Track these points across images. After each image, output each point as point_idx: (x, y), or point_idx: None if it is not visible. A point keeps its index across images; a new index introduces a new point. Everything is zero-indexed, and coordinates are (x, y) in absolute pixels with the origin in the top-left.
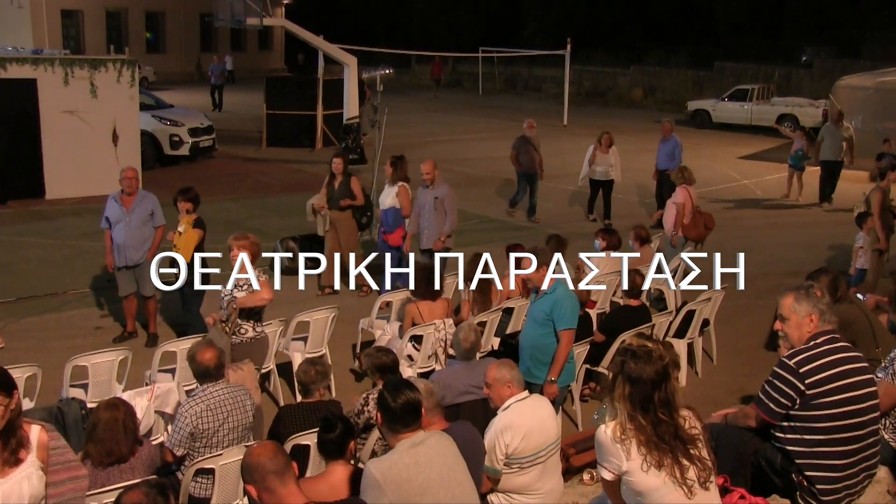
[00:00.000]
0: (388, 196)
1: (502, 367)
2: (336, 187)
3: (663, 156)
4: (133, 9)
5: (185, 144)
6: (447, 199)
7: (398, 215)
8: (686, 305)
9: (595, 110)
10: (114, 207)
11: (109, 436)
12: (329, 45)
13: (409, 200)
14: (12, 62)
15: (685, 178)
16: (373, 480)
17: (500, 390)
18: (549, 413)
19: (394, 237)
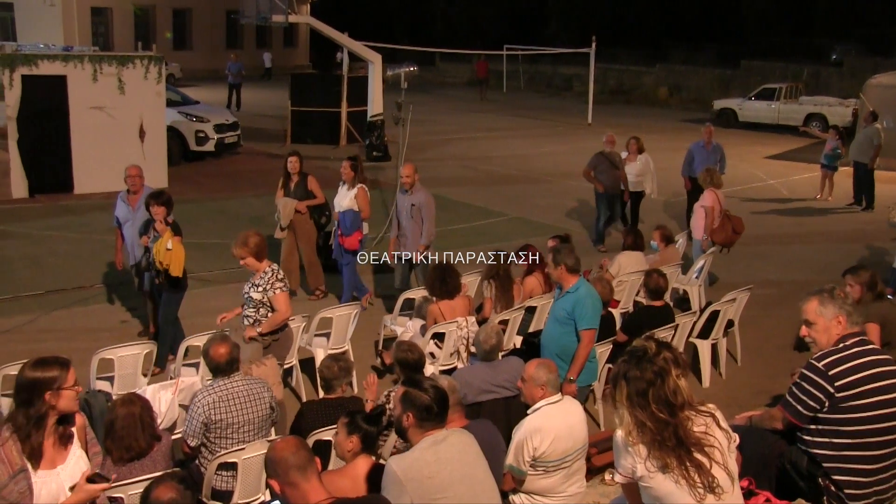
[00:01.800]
0: (345, 198)
1: (540, 368)
2: (292, 188)
3: (710, 162)
4: (160, 6)
5: (210, 140)
6: (424, 208)
7: (357, 218)
8: (710, 306)
9: (619, 109)
10: (121, 207)
11: (128, 432)
12: (354, 43)
13: (367, 203)
14: (44, 59)
15: (712, 181)
16: (394, 477)
17: (534, 390)
18: (580, 418)
19: (350, 240)
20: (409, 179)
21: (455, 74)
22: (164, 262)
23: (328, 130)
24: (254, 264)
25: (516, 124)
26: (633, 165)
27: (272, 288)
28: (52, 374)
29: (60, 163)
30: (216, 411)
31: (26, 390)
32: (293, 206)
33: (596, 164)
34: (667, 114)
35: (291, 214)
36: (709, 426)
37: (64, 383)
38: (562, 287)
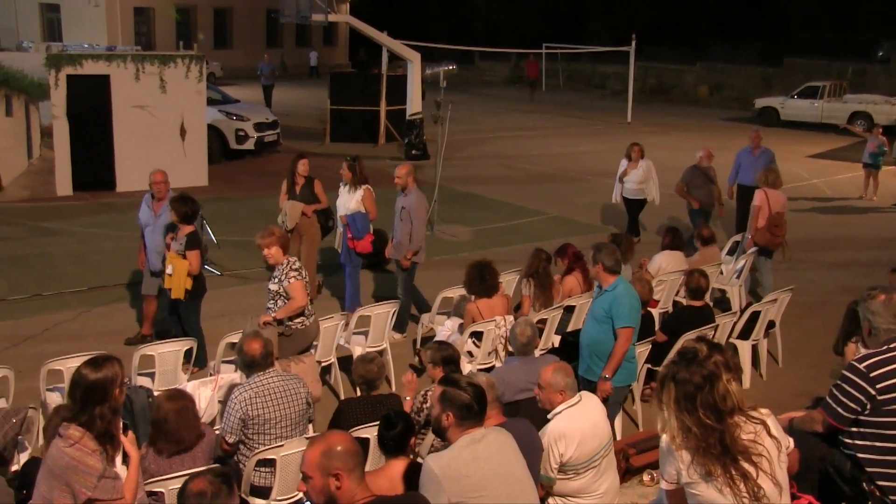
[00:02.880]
0: (350, 200)
1: (557, 374)
2: (298, 191)
3: (759, 168)
4: (202, 5)
5: (250, 139)
6: (413, 210)
7: (366, 220)
8: (751, 306)
9: (659, 108)
10: (144, 211)
11: (182, 424)
12: (393, 41)
13: (374, 203)
14: (88, 59)
15: (767, 181)
16: (432, 476)
17: (552, 396)
18: (601, 414)
19: (363, 244)
20: (401, 181)
21: (494, 73)
22: (167, 286)
23: (367, 129)
24: (277, 255)
25: (555, 123)
26: (635, 172)
27: (287, 277)
28: (112, 373)
29: (103, 161)
30: (253, 407)
31: (100, 389)
32: (300, 209)
33: (690, 179)
34: (707, 113)
35: (298, 217)
36: (758, 434)
37: (123, 378)
38: (601, 286)
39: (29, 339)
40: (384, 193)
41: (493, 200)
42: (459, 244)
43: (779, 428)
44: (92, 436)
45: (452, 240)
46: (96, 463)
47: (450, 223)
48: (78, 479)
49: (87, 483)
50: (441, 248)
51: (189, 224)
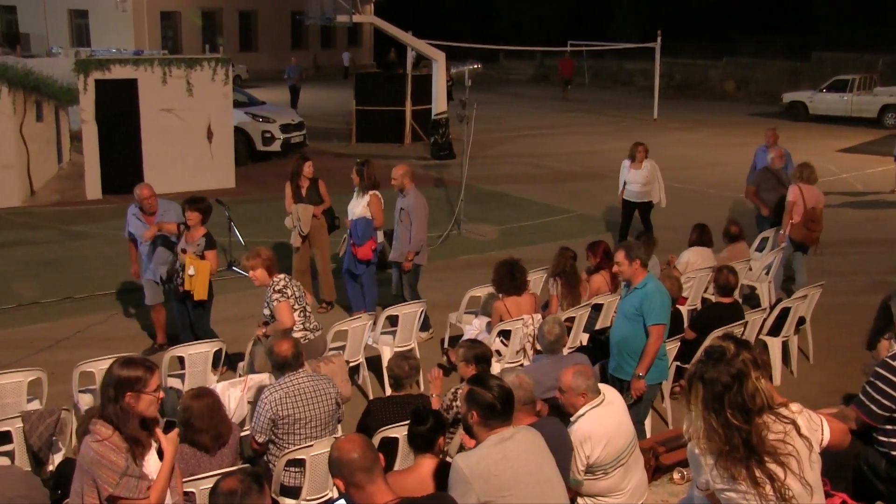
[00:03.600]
0: (357, 205)
1: (578, 377)
2: (304, 193)
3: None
4: (227, 9)
5: (276, 140)
6: (412, 211)
7: (369, 226)
8: (780, 303)
9: (686, 104)
10: (135, 223)
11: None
12: (417, 41)
13: (381, 210)
14: (116, 63)
15: (801, 176)
16: (461, 475)
17: (574, 399)
18: (624, 412)
19: (363, 250)
20: (397, 182)
21: (519, 71)
22: (188, 288)
23: (393, 129)
24: (262, 277)
25: (581, 120)
26: (639, 173)
27: (271, 300)
28: (136, 374)
29: (131, 164)
30: (283, 407)
31: (112, 387)
32: (311, 212)
33: (760, 182)
34: (734, 108)
35: (311, 220)
36: (787, 433)
37: (145, 387)
38: (630, 284)
39: (61, 342)
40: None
41: (520, 199)
42: (486, 243)
43: (811, 425)
44: (121, 434)
45: (479, 239)
46: (119, 460)
47: (476, 222)
48: (101, 475)
49: (110, 479)
50: (468, 247)
51: (204, 225)
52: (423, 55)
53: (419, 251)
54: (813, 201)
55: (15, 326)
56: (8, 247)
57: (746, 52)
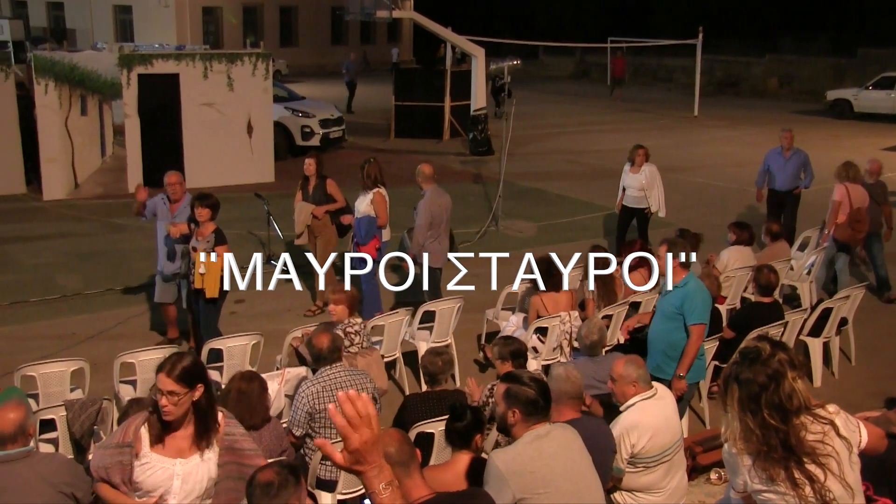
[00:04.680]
0: (361, 203)
1: (629, 365)
2: (310, 191)
3: (789, 172)
4: (268, 4)
5: (315, 135)
6: (418, 212)
7: (372, 224)
8: (822, 303)
9: (727, 101)
10: (161, 207)
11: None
12: (457, 37)
13: (385, 208)
14: (158, 58)
15: (847, 176)
16: (496, 472)
17: (625, 388)
18: (674, 410)
19: (367, 249)
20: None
21: (558, 67)
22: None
23: (431, 125)
24: (341, 314)
25: (620, 117)
26: (637, 178)
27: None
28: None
29: (173, 158)
30: (320, 401)
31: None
32: (309, 211)
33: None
34: (777, 106)
35: (308, 220)
36: (826, 434)
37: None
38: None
39: (103, 333)
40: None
41: (558, 195)
42: (524, 239)
43: (849, 426)
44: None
45: (517, 235)
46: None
47: (514, 218)
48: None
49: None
50: (506, 243)
51: (213, 221)
52: (462, 51)
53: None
54: (859, 201)
55: (59, 317)
56: (52, 238)
57: (790, 48)
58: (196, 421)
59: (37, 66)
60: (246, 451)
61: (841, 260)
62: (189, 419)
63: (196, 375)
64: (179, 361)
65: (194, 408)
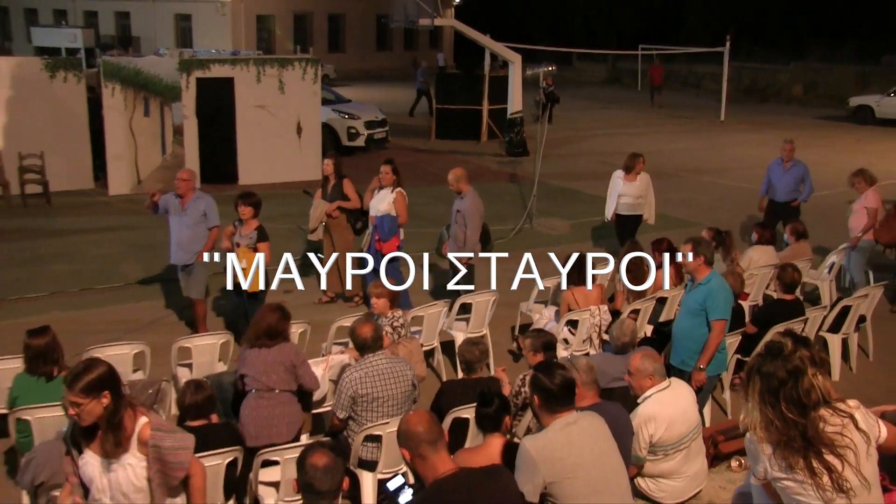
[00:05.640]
0: (382, 202)
1: (645, 360)
2: (329, 190)
3: (787, 183)
4: (317, 12)
5: (360, 136)
6: (467, 215)
7: (394, 223)
8: (841, 301)
9: (753, 106)
10: (173, 202)
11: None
12: (495, 44)
13: (405, 207)
14: (215, 63)
15: (871, 181)
16: (528, 457)
17: (642, 381)
18: (690, 400)
19: (388, 246)
20: (453, 186)
21: (592, 73)
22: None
23: (470, 127)
24: (383, 308)
25: (651, 121)
26: (633, 186)
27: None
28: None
29: (227, 156)
30: (362, 386)
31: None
32: (323, 209)
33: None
34: (801, 111)
35: (321, 217)
36: (845, 426)
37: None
38: (694, 279)
39: (163, 318)
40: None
41: (590, 195)
42: (557, 237)
43: (868, 420)
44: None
45: (551, 233)
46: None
47: (548, 216)
48: None
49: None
50: (539, 240)
51: (256, 218)
52: (500, 56)
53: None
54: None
55: (121, 303)
56: (117, 230)
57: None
58: (104, 426)
59: (105, 70)
60: (170, 464)
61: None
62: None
63: (101, 385)
64: (83, 374)
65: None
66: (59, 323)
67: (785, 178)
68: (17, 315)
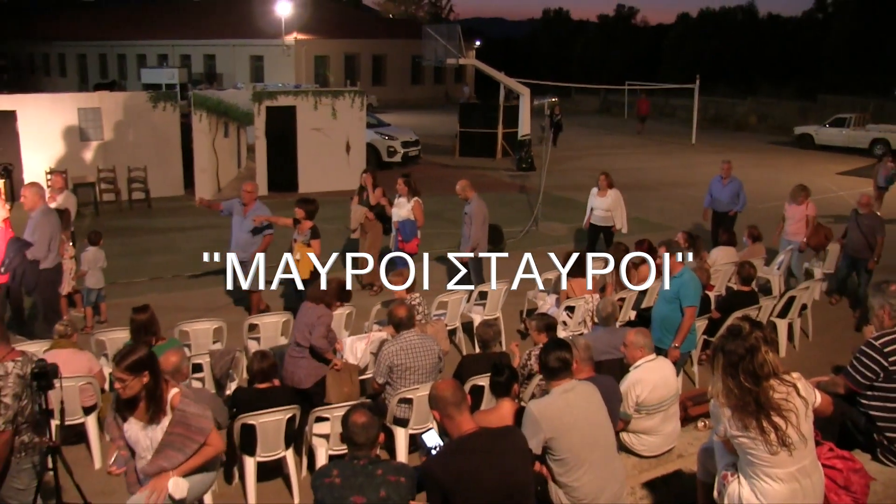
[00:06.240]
0: (402, 209)
1: (639, 335)
2: (365, 197)
3: (725, 196)
4: (363, 53)
5: (398, 153)
6: (472, 215)
7: (414, 227)
8: (788, 292)
9: (717, 133)
10: (237, 208)
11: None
12: (508, 79)
13: (422, 213)
14: (280, 94)
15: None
16: (532, 417)
17: (634, 352)
18: (671, 372)
19: (410, 246)
20: (460, 194)
21: (587, 104)
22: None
23: (487, 147)
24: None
25: (634, 143)
26: (604, 200)
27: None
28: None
29: (290, 169)
30: (398, 357)
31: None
32: (363, 213)
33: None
34: (756, 137)
35: (361, 219)
36: (789, 394)
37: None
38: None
39: (237, 301)
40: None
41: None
42: (559, 237)
43: (808, 388)
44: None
45: (553, 234)
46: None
47: (551, 221)
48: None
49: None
50: (544, 240)
51: (311, 220)
52: (512, 90)
53: (477, 247)
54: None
55: (205, 288)
56: (202, 229)
57: (766, 92)
58: (146, 398)
59: (195, 101)
60: (192, 427)
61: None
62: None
63: (142, 366)
64: (128, 355)
65: (144, 389)
66: (156, 302)
67: (724, 192)
68: (125, 295)
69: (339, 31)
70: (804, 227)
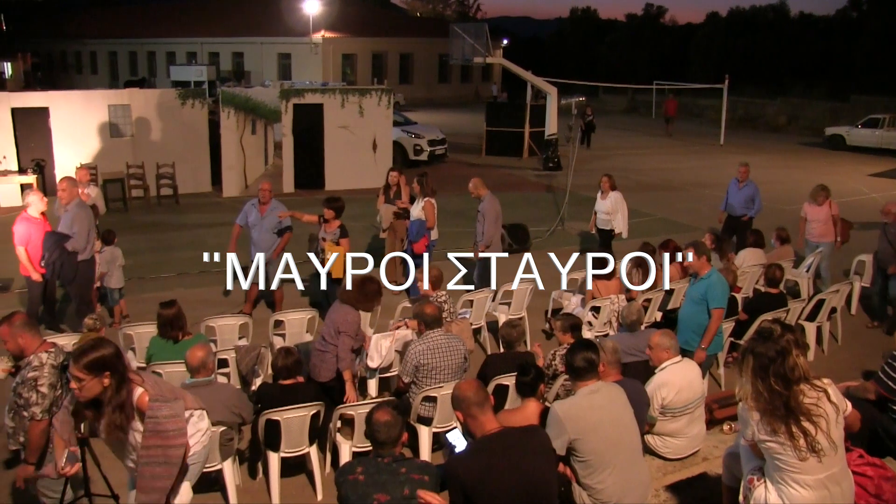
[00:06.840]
0: (415, 208)
1: (664, 337)
2: (392, 196)
3: (739, 200)
4: (391, 52)
5: (424, 152)
6: (485, 213)
7: (422, 227)
8: (817, 295)
9: (746, 134)
10: (252, 213)
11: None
12: (535, 78)
13: (433, 214)
14: (308, 92)
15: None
16: (557, 417)
17: (660, 354)
18: (697, 375)
19: (418, 245)
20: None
21: (614, 104)
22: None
23: (514, 146)
24: (429, 290)
25: (661, 144)
26: (604, 203)
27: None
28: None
29: (316, 166)
30: (424, 357)
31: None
32: (392, 211)
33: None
34: (785, 138)
35: (391, 218)
36: (819, 399)
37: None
38: (697, 274)
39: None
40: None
41: None
42: (585, 238)
43: (838, 395)
44: None
45: (580, 234)
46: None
47: (577, 220)
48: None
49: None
50: (570, 239)
51: (339, 218)
52: (540, 89)
53: (489, 245)
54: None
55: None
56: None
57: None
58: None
59: (223, 98)
60: (170, 433)
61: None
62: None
63: (103, 366)
64: (88, 352)
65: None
66: (183, 297)
67: (738, 196)
68: (152, 290)
69: (367, 30)
70: (831, 229)
